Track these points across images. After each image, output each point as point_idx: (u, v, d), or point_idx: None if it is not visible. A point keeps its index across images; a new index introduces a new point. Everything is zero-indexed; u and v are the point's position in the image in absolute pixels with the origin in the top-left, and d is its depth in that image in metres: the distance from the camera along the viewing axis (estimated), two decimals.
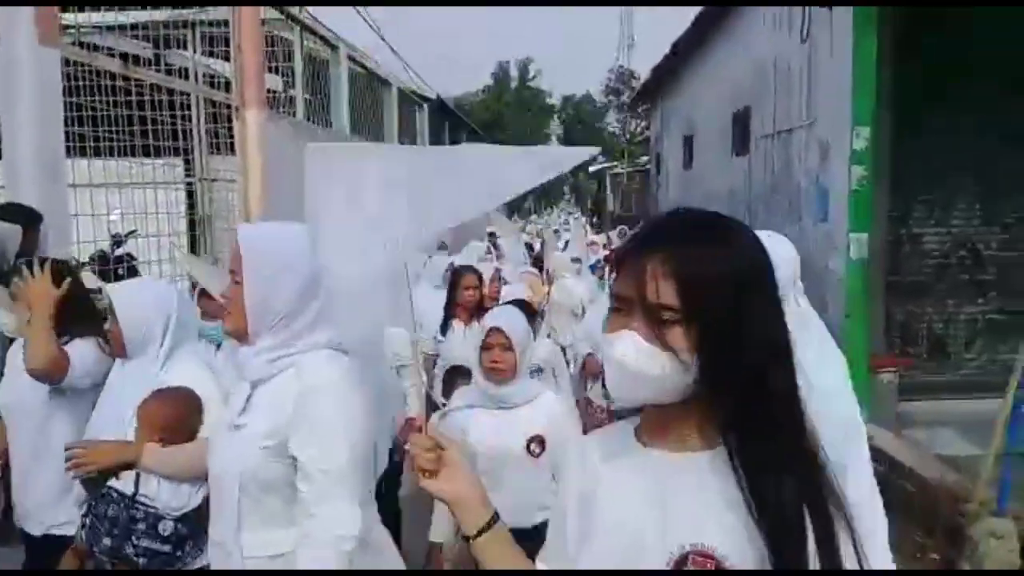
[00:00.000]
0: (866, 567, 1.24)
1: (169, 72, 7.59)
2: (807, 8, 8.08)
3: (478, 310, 5.34)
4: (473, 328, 5.13)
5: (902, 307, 7.99)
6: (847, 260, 7.05)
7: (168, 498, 2.61)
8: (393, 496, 4.23)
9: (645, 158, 28.69)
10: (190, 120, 7.80)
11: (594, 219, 37.67)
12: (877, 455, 6.23)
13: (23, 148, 4.88)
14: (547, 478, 3.25)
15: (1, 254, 4.31)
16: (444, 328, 5.45)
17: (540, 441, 3.24)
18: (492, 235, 14.06)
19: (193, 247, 7.62)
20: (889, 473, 6.08)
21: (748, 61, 10.35)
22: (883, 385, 7.23)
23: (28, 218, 4.68)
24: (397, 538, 4.00)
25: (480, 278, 5.60)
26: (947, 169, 7.75)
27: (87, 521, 2.61)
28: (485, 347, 3.33)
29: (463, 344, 5.00)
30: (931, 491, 5.50)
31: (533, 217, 39.91)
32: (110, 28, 6.85)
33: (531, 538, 1.60)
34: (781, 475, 1.22)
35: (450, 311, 5.47)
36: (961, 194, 7.93)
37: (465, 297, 5.45)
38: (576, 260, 9.96)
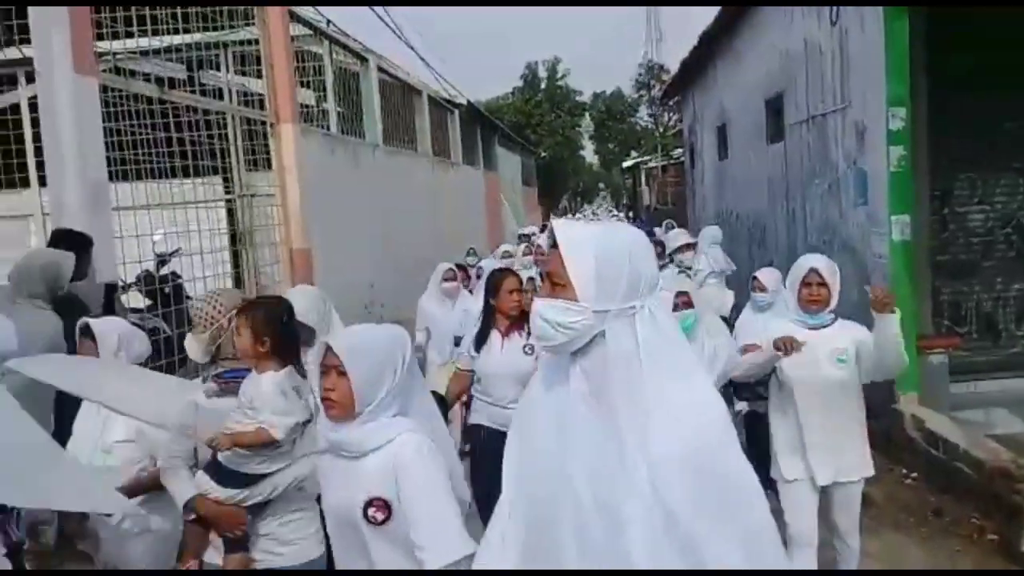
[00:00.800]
0: None
1: (204, 93, 7.72)
2: None
3: (520, 319, 4.63)
4: (513, 340, 4.66)
5: (949, 287, 7.86)
6: (890, 242, 6.95)
7: None
8: None
9: (679, 151, 28.54)
10: (227, 138, 7.93)
11: (629, 214, 37.53)
12: (930, 438, 6.17)
13: (67, 175, 5.01)
14: (407, 550, 2.40)
15: (55, 279, 4.42)
16: (480, 340, 4.73)
17: (381, 505, 2.40)
18: (527, 236, 13.92)
19: (236, 262, 7.73)
20: (944, 455, 6.00)
21: (778, 47, 10.26)
22: (933, 366, 7.12)
23: (80, 243, 4.80)
24: None
25: (521, 282, 4.86)
26: (987, 145, 7.62)
27: None
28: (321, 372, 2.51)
29: (500, 361, 4.63)
30: (986, 472, 5.41)
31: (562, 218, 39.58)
32: (144, 53, 6.97)
33: None
34: None
35: (489, 320, 4.76)
36: (1003, 170, 7.79)
37: (510, 301, 4.68)
38: None
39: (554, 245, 1.86)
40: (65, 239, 4.83)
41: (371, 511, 2.40)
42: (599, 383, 1.80)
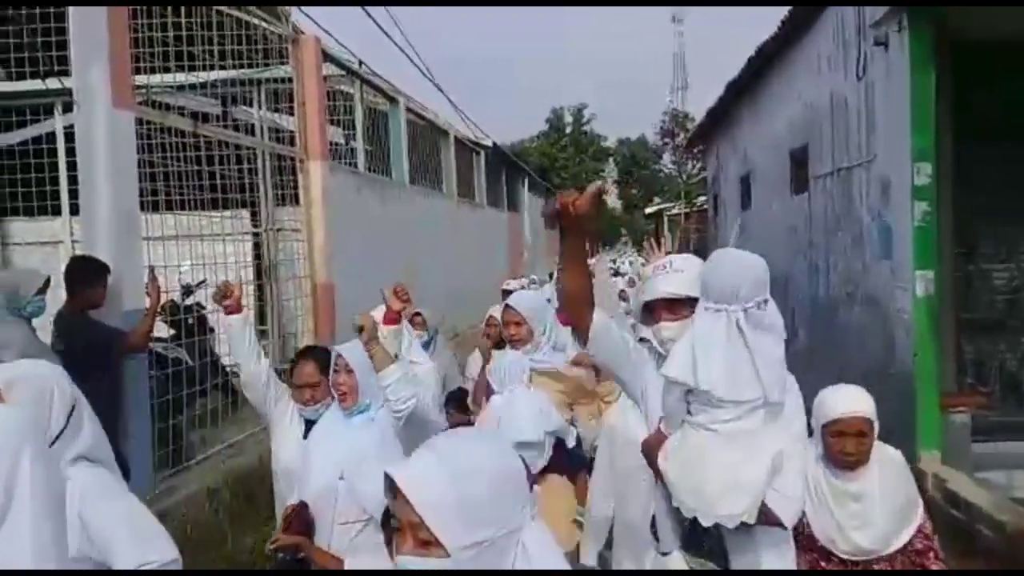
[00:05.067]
0: None
1: (236, 128, 7.85)
2: (862, 46, 8.05)
3: None
4: None
5: (973, 345, 7.78)
6: (914, 298, 6.92)
7: None
8: None
9: (702, 198, 28.60)
10: (256, 173, 8.04)
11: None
12: (951, 498, 6.08)
13: (100, 205, 5.09)
14: None
15: (11, 297, 4.50)
16: None
17: None
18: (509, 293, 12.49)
19: (260, 295, 7.79)
20: (964, 517, 5.90)
21: (803, 99, 10.31)
22: (956, 426, 7.02)
23: (94, 271, 4.87)
24: None
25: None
26: (1013, 202, 7.59)
27: None
28: None
29: None
30: (1008, 535, 5.32)
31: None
32: (179, 87, 7.11)
33: None
34: None
35: None
36: None
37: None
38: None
39: None
40: (80, 266, 4.93)
41: None
42: None
